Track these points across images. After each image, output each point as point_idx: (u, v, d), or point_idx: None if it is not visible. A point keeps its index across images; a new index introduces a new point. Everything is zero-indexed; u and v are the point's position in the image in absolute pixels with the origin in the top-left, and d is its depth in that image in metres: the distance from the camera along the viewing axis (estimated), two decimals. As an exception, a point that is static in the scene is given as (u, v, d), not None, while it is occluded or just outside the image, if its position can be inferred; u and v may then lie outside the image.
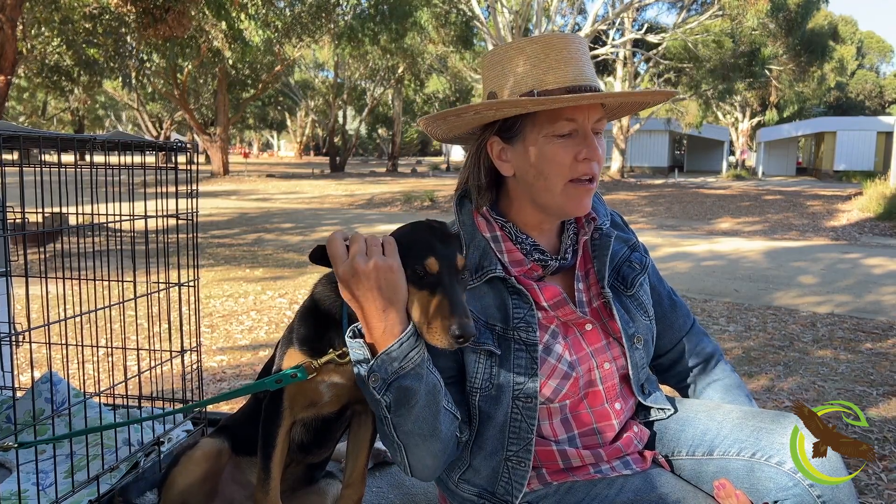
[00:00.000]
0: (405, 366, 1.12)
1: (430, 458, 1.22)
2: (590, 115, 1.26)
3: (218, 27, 13.99)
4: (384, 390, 1.13)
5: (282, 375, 1.23)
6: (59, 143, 1.62)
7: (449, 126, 1.34)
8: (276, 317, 5.04)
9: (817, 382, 3.64)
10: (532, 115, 1.26)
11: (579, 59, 1.27)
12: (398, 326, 1.12)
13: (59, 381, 2.01)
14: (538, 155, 1.26)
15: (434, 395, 1.17)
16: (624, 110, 1.43)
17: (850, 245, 9.98)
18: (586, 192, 1.28)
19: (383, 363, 1.11)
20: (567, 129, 1.25)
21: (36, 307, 3.12)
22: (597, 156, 1.26)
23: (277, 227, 11.59)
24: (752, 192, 21.61)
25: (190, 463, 1.44)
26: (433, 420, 1.17)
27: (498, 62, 1.30)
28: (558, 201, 1.28)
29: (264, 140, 74.80)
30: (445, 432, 1.21)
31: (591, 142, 1.26)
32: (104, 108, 42.26)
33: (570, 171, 1.26)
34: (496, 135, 1.31)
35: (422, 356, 1.14)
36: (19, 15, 9.21)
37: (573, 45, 1.27)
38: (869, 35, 55.54)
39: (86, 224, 1.85)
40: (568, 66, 1.25)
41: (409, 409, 1.15)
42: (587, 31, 20.11)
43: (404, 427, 1.17)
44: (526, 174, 1.29)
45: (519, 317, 1.27)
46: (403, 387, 1.13)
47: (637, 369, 1.36)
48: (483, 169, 1.34)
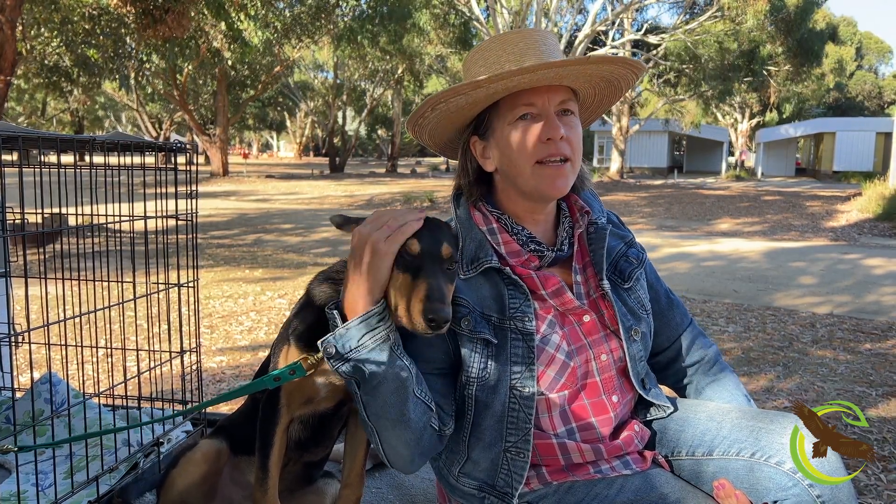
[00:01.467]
0: (364, 342, 1.14)
1: (401, 447, 1.23)
2: (551, 97, 1.28)
3: (217, 28, 14.00)
4: (340, 362, 1.15)
5: (280, 373, 1.24)
6: (59, 144, 1.62)
7: (431, 126, 1.38)
8: (275, 317, 5.04)
9: (817, 383, 3.64)
10: (496, 108, 1.31)
11: (538, 47, 1.30)
12: (363, 304, 1.15)
13: (59, 381, 2.01)
14: (505, 143, 1.31)
15: (401, 381, 1.18)
16: (603, 100, 1.44)
17: (849, 245, 9.99)
18: (557, 172, 1.29)
19: (340, 336, 1.15)
20: (528, 111, 1.28)
21: (35, 308, 3.12)
22: (558, 134, 1.27)
23: (277, 228, 11.59)
24: (752, 192, 21.63)
25: (189, 464, 1.45)
26: (401, 405, 1.18)
27: (469, 66, 1.37)
28: (531, 183, 1.31)
29: (264, 141, 74.78)
30: (416, 421, 1.21)
31: (552, 121, 1.28)
32: (104, 108, 42.24)
33: (536, 153, 1.28)
34: (474, 133, 1.37)
35: (383, 338, 1.15)
36: (19, 15, 9.21)
37: (534, 36, 1.32)
38: (868, 36, 55.62)
39: (85, 225, 1.85)
40: (525, 53, 1.29)
41: (373, 388, 1.17)
42: (587, 31, 20.12)
43: (373, 408, 1.19)
44: (502, 165, 1.34)
45: (515, 306, 1.28)
46: (362, 363, 1.15)
47: (635, 362, 1.37)
48: (470, 168, 1.39)
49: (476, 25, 20.71)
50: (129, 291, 1.92)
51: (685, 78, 25.38)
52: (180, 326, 1.99)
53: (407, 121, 1.38)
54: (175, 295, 1.97)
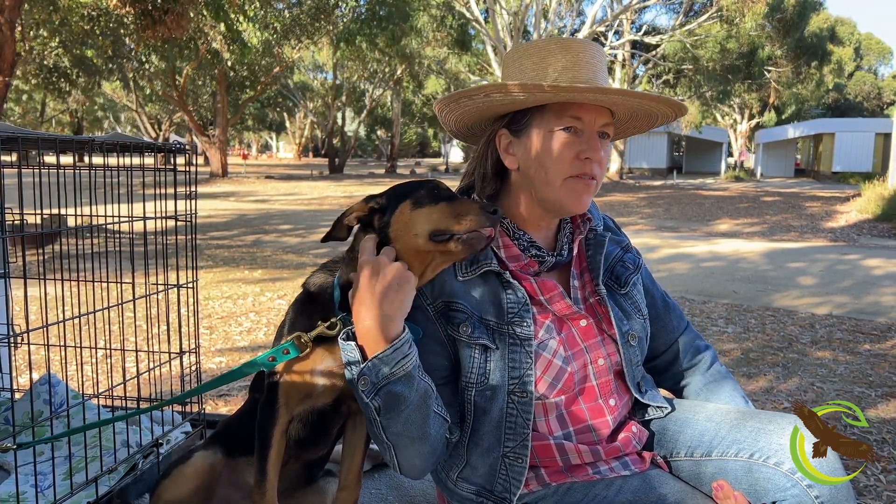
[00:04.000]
0: (396, 371, 1.13)
1: (418, 459, 1.24)
2: (597, 118, 1.28)
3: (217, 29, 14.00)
4: (374, 394, 1.15)
5: (274, 352, 1.24)
6: (58, 145, 1.62)
7: (461, 112, 1.36)
8: (274, 318, 5.04)
9: (816, 384, 3.64)
10: (540, 110, 1.29)
11: (595, 64, 1.30)
12: (393, 332, 1.14)
13: (58, 382, 2.00)
14: (541, 148, 1.29)
15: (424, 400, 1.18)
16: (634, 125, 1.45)
17: (848, 246, 9.99)
18: (585, 189, 1.30)
19: (374, 367, 1.13)
20: (572, 125, 1.27)
21: (34, 309, 3.12)
22: (598, 157, 1.28)
23: (276, 229, 11.58)
24: (751, 193, 21.63)
25: (181, 478, 1.44)
26: (423, 424, 1.19)
27: (516, 59, 1.34)
28: (557, 195, 1.30)
29: (263, 141, 74.76)
30: (435, 435, 1.22)
31: (594, 142, 1.28)
32: (103, 109, 42.24)
33: (570, 168, 1.28)
34: (505, 127, 1.34)
35: (413, 363, 1.15)
36: (18, 16, 9.20)
37: (590, 49, 1.30)
38: (867, 37, 55.63)
39: (84, 225, 1.85)
40: (583, 67, 1.28)
41: (398, 413, 1.16)
42: (585, 32, 20.13)
43: (393, 429, 1.18)
44: (528, 167, 1.32)
45: (513, 311, 1.27)
46: (394, 392, 1.14)
47: (632, 366, 1.37)
48: (490, 160, 1.38)
49: (475, 27, 20.72)
50: (129, 292, 1.91)
51: (684, 79, 25.40)
52: (179, 327, 1.99)
53: (439, 100, 1.36)
54: (174, 296, 1.97)
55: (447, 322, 1.28)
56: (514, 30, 19.53)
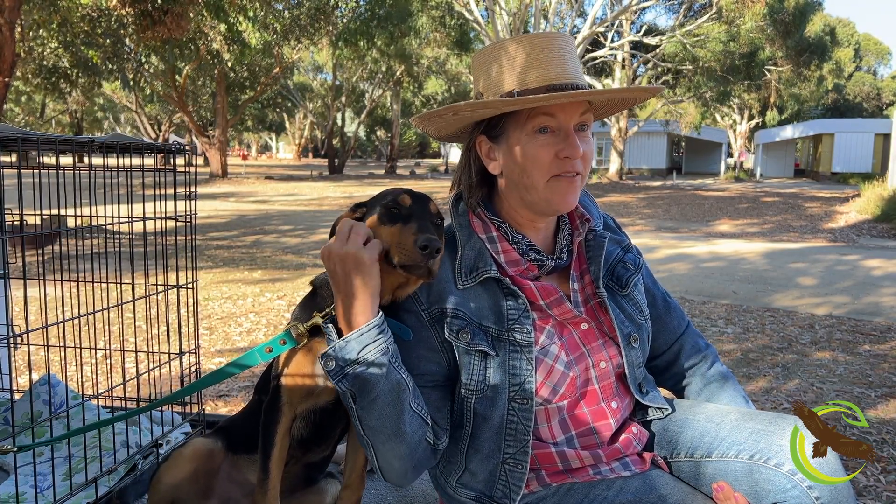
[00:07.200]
0: (364, 356, 1.14)
1: (395, 461, 1.23)
2: (571, 113, 1.26)
3: (216, 29, 14.01)
4: (341, 377, 1.16)
5: (271, 343, 1.27)
6: (58, 146, 1.62)
7: (437, 126, 1.36)
8: (274, 319, 5.04)
9: (816, 384, 3.64)
10: (514, 114, 1.27)
11: (562, 56, 1.27)
12: (362, 317, 1.16)
13: (58, 383, 2.01)
14: (521, 153, 1.27)
15: (398, 394, 1.18)
16: (612, 107, 1.42)
17: (848, 247, 9.99)
18: (570, 186, 1.27)
19: (340, 349, 1.15)
20: (547, 125, 1.25)
21: (34, 309, 3.12)
22: (577, 154, 1.25)
23: (276, 229, 11.58)
24: (751, 193, 21.63)
25: (179, 460, 1.45)
26: (397, 419, 1.18)
27: (483, 63, 1.32)
28: (543, 196, 1.28)
29: (263, 142, 74.75)
30: (411, 434, 1.21)
31: (571, 139, 1.25)
32: (102, 110, 42.25)
33: (551, 168, 1.26)
34: (483, 133, 1.33)
35: (381, 351, 1.16)
36: (18, 17, 9.20)
37: (556, 42, 1.28)
38: (867, 37, 55.71)
39: (84, 226, 1.85)
40: (549, 64, 1.25)
41: (371, 402, 1.17)
42: (585, 33, 20.14)
43: (368, 422, 1.19)
44: (511, 172, 1.30)
45: (514, 318, 1.27)
46: (361, 377, 1.15)
47: (633, 368, 1.37)
48: (473, 167, 1.36)
49: (475, 27, 20.72)
50: (128, 293, 1.91)
51: (684, 80, 25.41)
52: (179, 328, 1.99)
53: (417, 117, 1.36)
54: (174, 296, 1.97)
55: (443, 329, 1.27)
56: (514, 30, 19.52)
